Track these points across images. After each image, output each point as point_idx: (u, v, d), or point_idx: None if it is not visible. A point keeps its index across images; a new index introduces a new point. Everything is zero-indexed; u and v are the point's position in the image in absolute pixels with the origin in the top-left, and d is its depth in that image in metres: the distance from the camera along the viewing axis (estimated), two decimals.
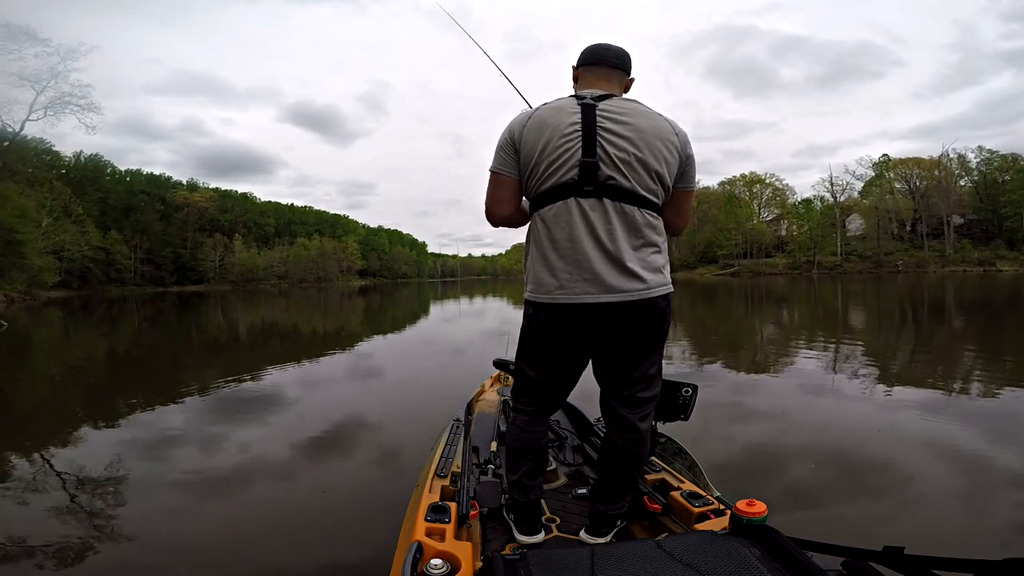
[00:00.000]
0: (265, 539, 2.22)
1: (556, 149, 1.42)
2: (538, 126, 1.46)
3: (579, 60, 1.61)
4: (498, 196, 1.54)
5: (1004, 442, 3.14)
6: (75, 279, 49.84)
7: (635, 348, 1.48)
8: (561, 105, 1.47)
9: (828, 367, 5.80)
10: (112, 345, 10.51)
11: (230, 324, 15.09)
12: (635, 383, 1.53)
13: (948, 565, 0.92)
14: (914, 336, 8.72)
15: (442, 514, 1.41)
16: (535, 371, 1.58)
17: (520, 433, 1.62)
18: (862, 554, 1.03)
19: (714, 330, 10.55)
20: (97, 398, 5.45)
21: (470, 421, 2.51)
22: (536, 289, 1.47)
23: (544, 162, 1.44)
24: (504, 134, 1.52)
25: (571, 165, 1.41)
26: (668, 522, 1.61)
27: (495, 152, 1.54)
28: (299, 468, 3.07)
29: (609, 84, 1.56)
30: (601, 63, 1.56)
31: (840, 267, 54.79)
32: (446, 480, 1.74)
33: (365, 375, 6.36)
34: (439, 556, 1.18)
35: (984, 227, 53.50)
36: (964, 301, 15.45)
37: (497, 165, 1.53)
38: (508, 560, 1.12)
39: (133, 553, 2.14)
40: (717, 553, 1.09)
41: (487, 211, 1.58)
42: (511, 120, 1.55)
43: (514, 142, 1.49)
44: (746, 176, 72.94)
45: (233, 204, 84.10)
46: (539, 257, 1.47)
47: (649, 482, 1.77)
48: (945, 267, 47.70)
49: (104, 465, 3.12)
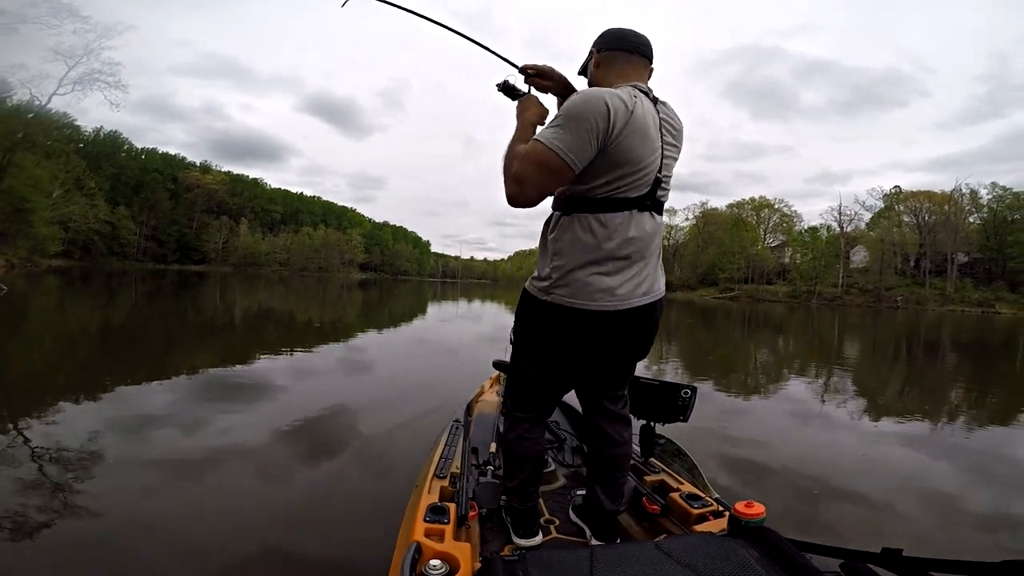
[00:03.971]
0: (262, 539, 2.14)
1: (649, 164, 1.30)
2: (638, 125, 1.25)
3: (607, 43, 1.42)
4: (543, 181, 1.26)
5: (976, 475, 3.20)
6: (78, 250, 50.05)
7: (647, 345, 1.49)
8: (647, 105, 1.30)
9: (819, 396, 5.83)
10: (107, 318, 10.55)
11: (227, 307, 15.11)
12: (624, 381, 1.60)
13: (946, 567, 0.92)
14: (905, 372, 8.75)
15: (441, 515, 1.41)
16: (541, 375, 1.48)
17: (519, 441, 1.55)
18: (860, 556, 1.04)
19: (710, 351, 10.56)
20: (87, 371, 5.48)
21: (469, 422, 2.50)
22: (577, 294, 1.31)
23: (636, 174, 1.28)
24: (594, 115, 1.20)
25: (650, 180, 1.32)
26: (667, 523, 1.62)
27: (568, 130, 1.21)
28: (295, 467, 2.95)
29: (645, 78, 1.41)
30: (636, 51, 1.40)
31: (840, 299, 54.60)
32: (445, 481, 1.72)
33: (362, 372, 6.26)
34: (438, 557, 1.19)
35: (987, 267, 53.29)
36: (959, 341, 15.44)
37: (566, 148, 1.21)
38: (507, 561, 1.11)
39: (112, 541, 2.07)
40: (716, 554, 1.09)
41: (524, 195, 1.27)
42: (598, 98, 1.22)
43: (608, 132, 1.22)
44: (755, 200, 72.73)
45: (243, 188, 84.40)
46: (588, 263, 1.30)
47: (648, 484, 1.78)
48: (944, 306, 47.51)
49: (79, 440, 3.11)
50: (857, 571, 1.00)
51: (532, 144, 1.25)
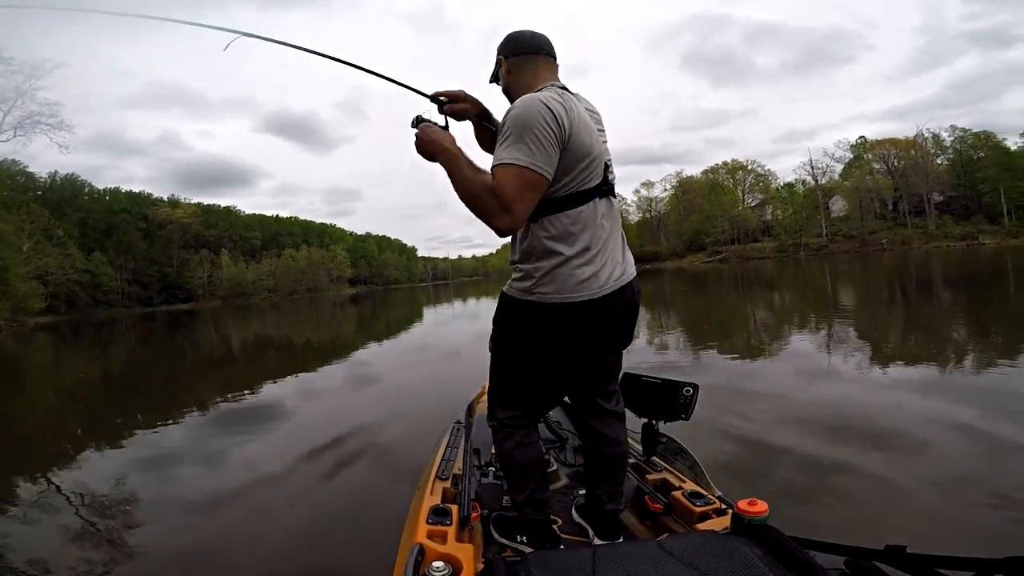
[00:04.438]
0: (266, 543, 2.22)
1: (597, 154, 1.33)
2: (581, 120, 1.29)
3: (513, 48, 1.43)
4: (529, 201, 1.23)
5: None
6: (62, 303, 48.94)
7: (632, 328, 1.48)
8: (575, 100, 1.34)
9: (825, 349, 5.90)
10: (106, 367, 10.40)
11: (223, 340, 14.97)
12: (616, 376, 1.59)
13: (950, 563, 0.92)
14: (904, 313, 8.87)
15: (443, 516, 1.41)
16: (534, 378, 1.46)
17: (517, 449, 1.48)
18: (864, 553, 1.03)
19: (705, 318, 10.64)
20: (96, 420, 5.41)
21: (471, 423, 2.49)
22: (561, 289, 1.31)
23: (590, 166, 1.31)
24: (546, 121, 1.22)
25: (601, 168, 1.35)
26: (670, 522, 1.61)
27: (531, 143, 1.21)
28: (300, 473, 3.07)
29: (556, 76, 1.43)
30: (542, 51, 1.44)
31: (826, 248, 55.35)
32: (447, 482, 1.72)
33: (362, 382, 6.35)
34: (441, 558, 1.19)
35: (964, 203, 54.24)
36: (951, 276, 15.63)
37: (539, 162, 1.21)
38: (509, 562, 1.10)
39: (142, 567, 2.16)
40: (718, 553, 1.09)
41: (517, 220, 1.24)
42: (542, 104, 1.24)
43: (562, 134, 1.24)
44: (728, 164, 73.44)
45: (217, 219, 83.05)
46: (567, 259, 1.31)
47: (650, 482, 1.77)
48: (929, 243, 48.30)
49: (108, 484, 3.17)
50: (861, 568, 0.99)
51: (500, 169, 1.21)
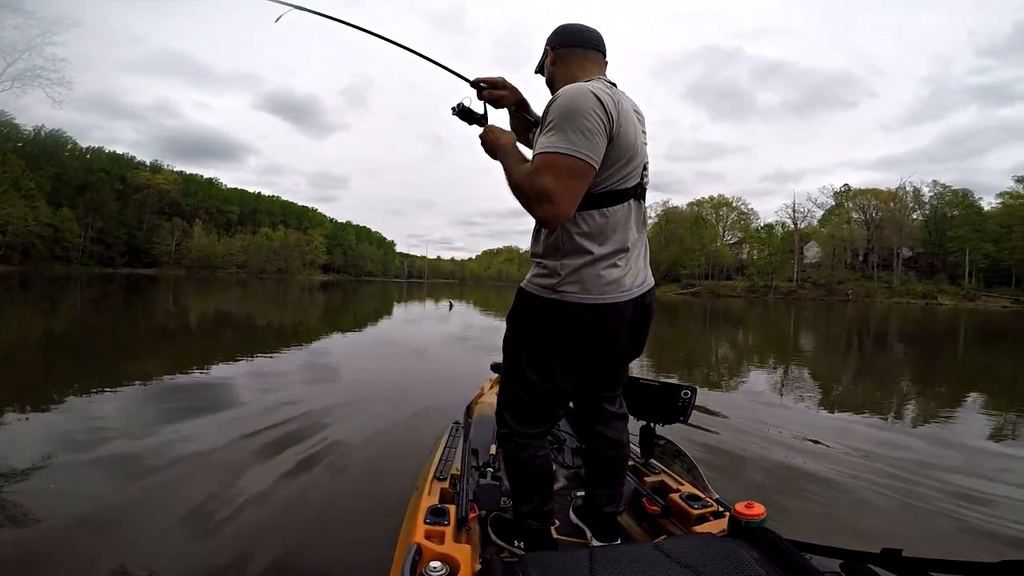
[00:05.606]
0: (262, 542, 2.13)
1: (639, 152, 1.30)
2: (628, 115, 1.25)
3: (562, 40, 1.41)
4: (574, 191, 1.19)
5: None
6: (17, 254, 47.23)
7: (645, 336, 1.46)
8: (618, 91, 1.30)
9: (777, 386, 6.00)
10: (49, 325, 9.93)
11: (182, 312, 14.50)
12: (622, 380, 1.58)
13: (945, 567, 0.93)
14: (857, 361, 9.14)
15: (441, 516, 1.40)
16: (553, 382, 1.39)
17: (533, 460, 1.44)
18: (860, 556, 1.04)
19: (679, 348, 10.76)
20: (32, 384, 5.13)
21: (469, 424, 2.49)
22: (589, 289, 1.28)
23: (631, 163, 1.28)
24: (594, 110, 1.18)
25: (640, 168, 1.32)
26: (667, 524, 1.62)
27: (578, 131, 1.16)
28: (294, 471, 2.92)
29: (603, 72, 1.38)
30: (591, 46, 1.39)
31: (795, 292, 56.93)
32: (445, 483, 1.71)
33: (360, 379, 6.10)
34: (438, 558, 1.18)
35: (930, 260, 56.77)
36: (905, 332, 16.24)
37: (585, 149, 1.17)
38: (507, 563, 1.11)
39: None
40: (715, 555, 1.09)
41: (562, 210, 1.18)
42: (590, 92, 1.19)
43: (611, 124, 1.20)
44: (714, 199, 75.17)
45: (197, 188, 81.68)
46: (599, 258, 1.28)
47: (648, 484, 1.79)
48: (891, 298, 50.18)
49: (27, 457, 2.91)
50: (857, 572, 1.01)
51: (545, 158, 1.17)
